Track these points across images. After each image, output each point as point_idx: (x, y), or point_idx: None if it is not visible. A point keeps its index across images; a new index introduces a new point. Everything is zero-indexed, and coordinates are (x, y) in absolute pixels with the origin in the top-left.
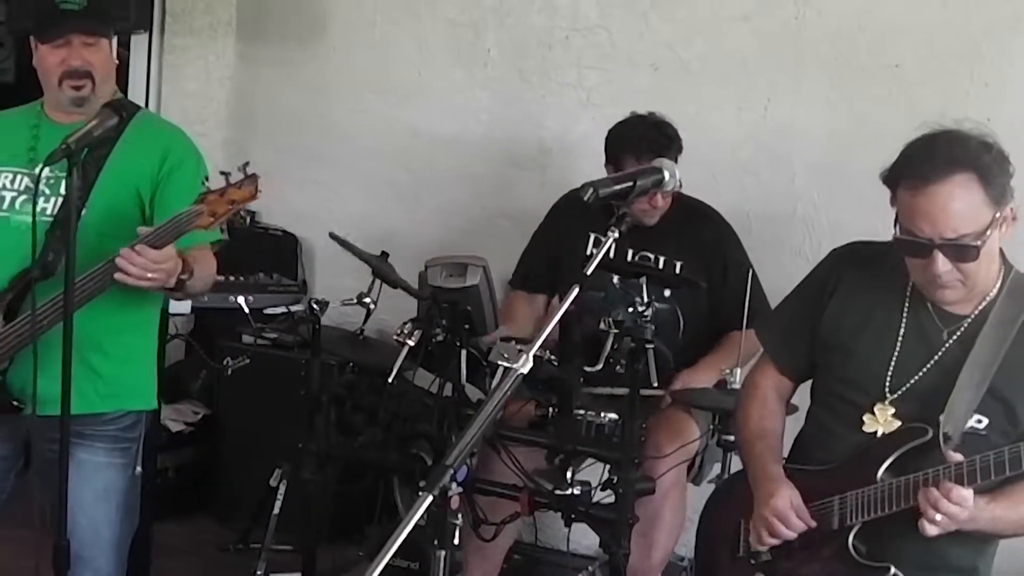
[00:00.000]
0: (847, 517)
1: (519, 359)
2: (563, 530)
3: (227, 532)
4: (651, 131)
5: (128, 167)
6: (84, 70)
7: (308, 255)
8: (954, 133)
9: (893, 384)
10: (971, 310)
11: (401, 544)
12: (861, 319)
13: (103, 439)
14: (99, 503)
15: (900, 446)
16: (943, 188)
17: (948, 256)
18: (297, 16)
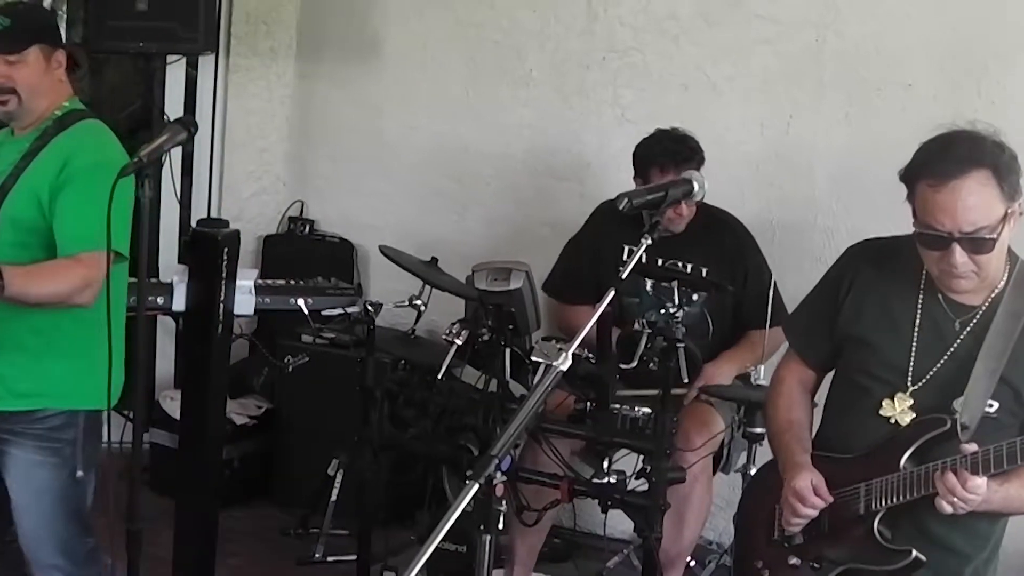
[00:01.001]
0: (872, 503)
1: (559, 357)
2: (600, 515)
3: (288, 517)
4: (673, 144)
5: (35, 178)
6: (7, 86)
7: (363, 260)
8: (971, 133)
9: (915, 375)
10: (981, 301)
11: (450, 529)
12: (878, 311)
13: (30, 437)
14: (36, 503)
15: (921, 436)
16: (963, 184)
17: (965, 248)
18: (353, 38)
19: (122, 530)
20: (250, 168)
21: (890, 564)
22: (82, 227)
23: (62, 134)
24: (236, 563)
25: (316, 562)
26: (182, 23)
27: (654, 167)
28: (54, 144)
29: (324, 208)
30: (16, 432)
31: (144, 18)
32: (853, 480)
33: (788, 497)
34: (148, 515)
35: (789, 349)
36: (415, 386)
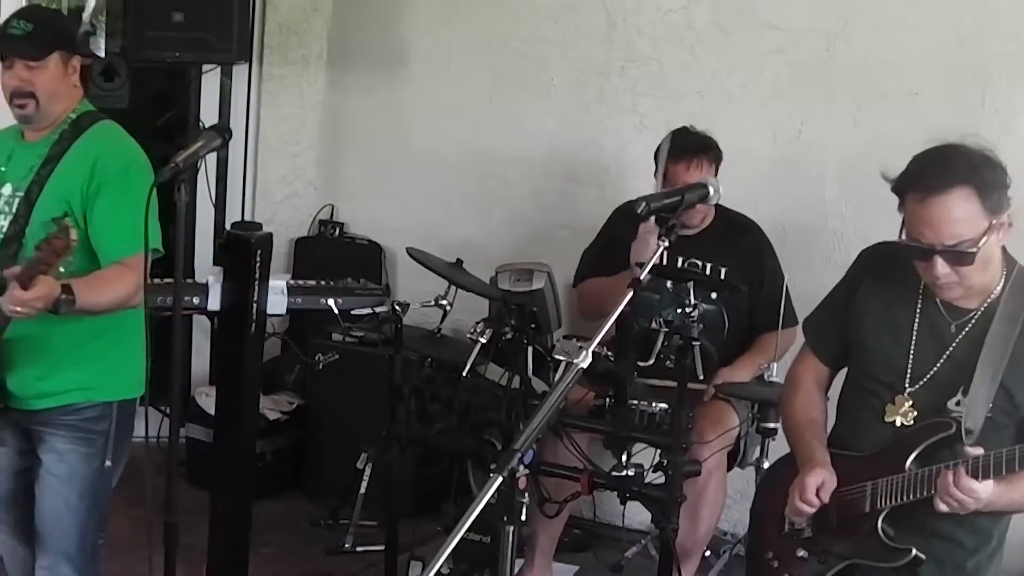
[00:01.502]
0: (877, 501)
1: (579, 355)
2: (619, 507)
3: (318, 509)
4: (686, 138)
5: (63, 184)
6: (26, 90)
7: (391, 262)
8: (956, 148)
9: (912, 377)
10: (977, 304)
11: (474, 520)
12: (880, 314)
13: (67, 428)
14: (62, 487)
15: (927, 439)
16: (944, 200)
17: (947, 260)
18: (381, 48)
19: (159, 521)
20: (282, 173)
21: (891, 561)
22: (124, 233)
23: (81, 137)
24: (269, 552)
25: (345, 552)
26: (217, 34)
27: (669, 159)
28: (76, 148)
29: (353, 211)
30: (53, 424)
31: (180, 29)
32: (860, 478)
33: (793, 487)
34: (184, 507)
35: (804, 346)
36: (441, 383)
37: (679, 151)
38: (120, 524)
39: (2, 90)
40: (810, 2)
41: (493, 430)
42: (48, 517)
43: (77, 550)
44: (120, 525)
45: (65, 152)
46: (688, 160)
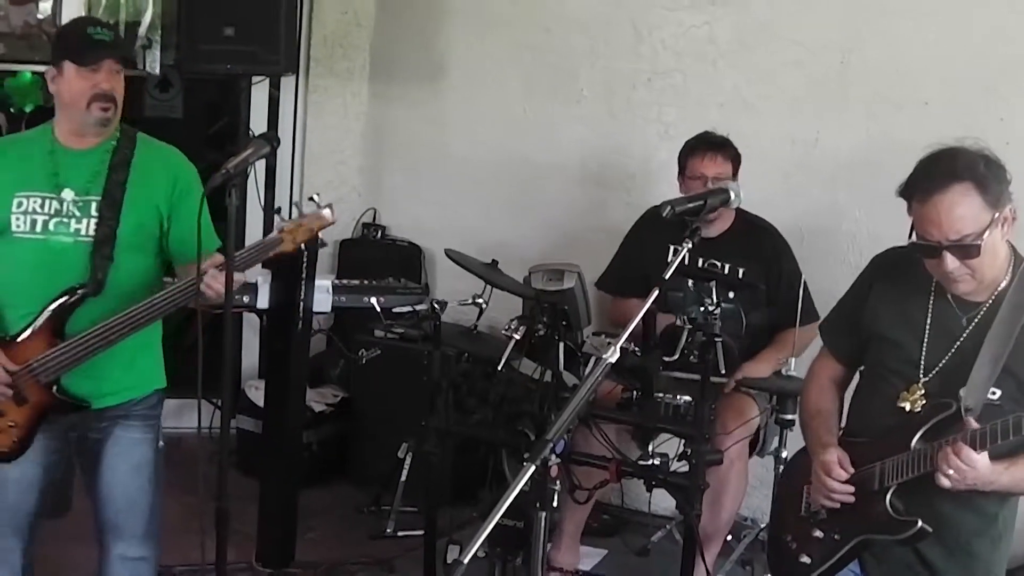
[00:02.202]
0: (886, 479)
1: (608, 350)
2: (645, 494)
3: (362, 496)
4: (706, 136)
5: (148, 188)
6: (112, 94)
7: (430, 262)
8: (954, 150)
9: (926, 367)
10: (986, 298)
11: (509, 506)
12: (895, 311)
13: (136, 418)
14: (134, 475)
15: (930, 419)
16: (945, 197)
17: (955, 255)
18: (421, 60)
19: (211, 508)
20: (327, 179)
21: (900, 533)
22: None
23: (139, 145)
24: (314, 537)
25: (387, 537)
26: (265, 47)
27: (689, 157)
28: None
29: (395, 215)
30: (122, 416)
31: (231, 43)
32: (870, 460)
33: (817, 470)
34: (235, 494)
35: (823, 347)
36: (477, 377)
37: (696, 145)
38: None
39: (78, 94)
40: (825, 18)
41: (526, 421)
42: (124, 506)
43: (148, 530)
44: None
45: (131, 159)
46: (703, 153)
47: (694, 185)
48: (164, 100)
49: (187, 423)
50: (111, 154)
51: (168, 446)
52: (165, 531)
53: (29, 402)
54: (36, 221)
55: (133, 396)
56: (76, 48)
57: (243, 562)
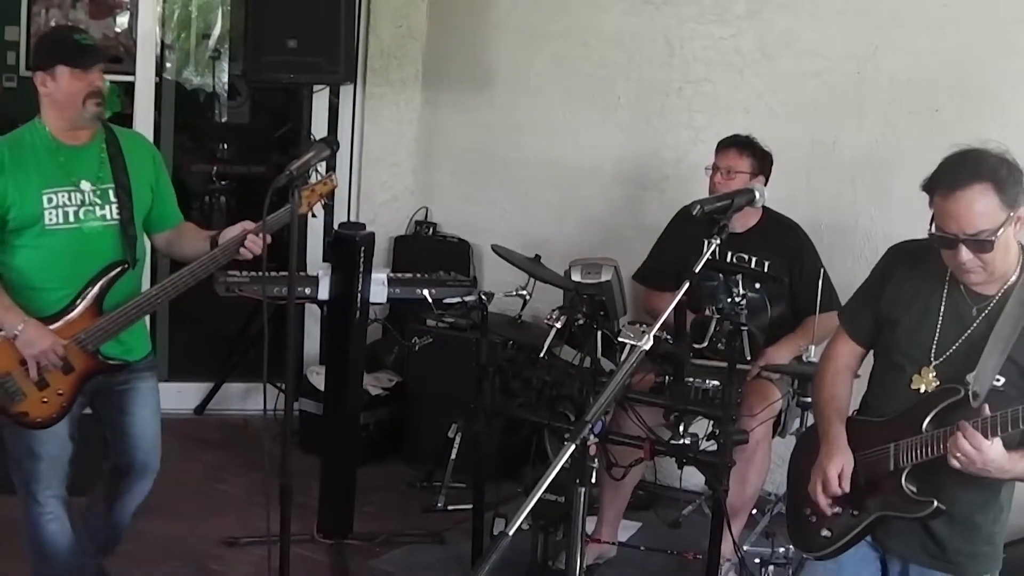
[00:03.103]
0: (900, 460)
1: (642, 338)
2: (676, 471)
3: (415, 473)
4: (733, 136)
5: (143, 172)
6: (102, 91)
7: (478, 257)
8: (977, 151)
9: (937, 352)
10: (996, 291)
11: (551, 482)
12: (911, 299)
13: (149, 370)
14: (154, 419)
15: (940, 403)
16: (965, 195)
17: (970, 248)
18: (470, 71)
19: (276, 484)
20: (383, 179)
21: (916, 512)
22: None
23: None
24: (371, 511)
25: (438, 510)
26: (326, 58)
27: (718, 151)
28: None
29: (445, 213)
30: (142, 370)
31: (294, 54)
32: (884, 440)
33: (818, 477)
34: (297, 471)
35: (839, 329)
36: (521, 363)
37: (722, 141)
38: (241, 486)
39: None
40: (843, 31)
41: (567, 404)
42: (150, 443)
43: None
44: (241, 487)
45: (120, 149)
46: (722, 148)
47: (713, 176)
48: (232, 107)
49: (253, 406)
50: (105, 146)
51: (235, 427)
52: (232, 505)
53: (75, 370)
54: (68, 213)
55: (146, 352)
56: (70, 53)
57: (305, 534)
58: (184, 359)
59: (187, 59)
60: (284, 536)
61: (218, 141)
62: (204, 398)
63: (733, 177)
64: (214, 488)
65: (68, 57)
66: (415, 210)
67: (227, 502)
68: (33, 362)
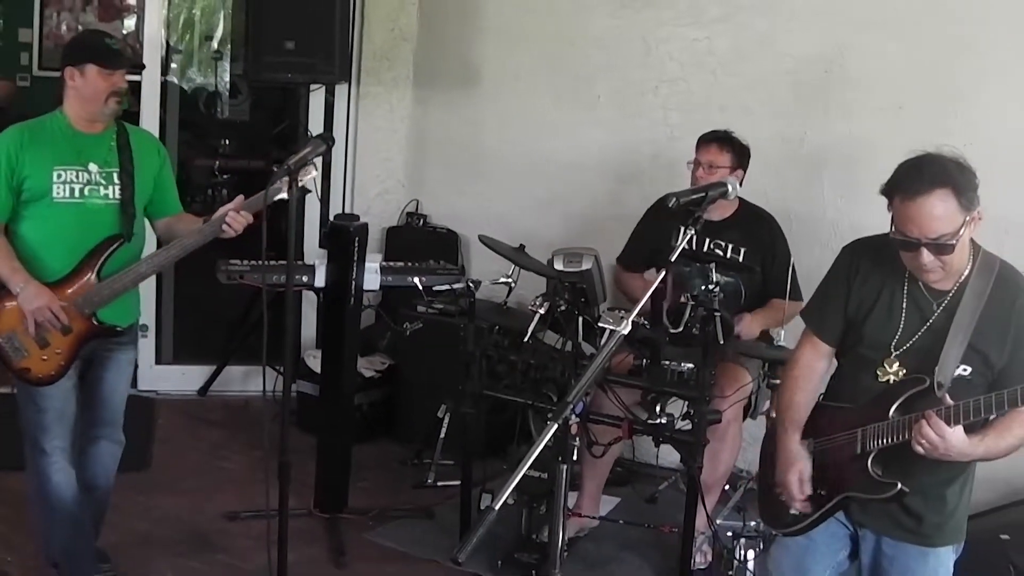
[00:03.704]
0: (867, 444)
1: (621, 324)
2: (653, 449)
3: (406, 451)
4: (713, 131)
5: (148, 162)
6: (124, 91)
7: (466, 247)
8: (933, 156)
9: (897, 344)
10: (951, 286)
11: (534, 460)
12: (874, 295)
13: (129, 340)
14: (126, 386)
15: (906, 391)
16: (927, 200)
17: (931, 251)
18: (459, 70)
19: (275, 461)
20: (376, 173)
21: (881, 493)
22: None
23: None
24: (365, 487)
25: (428, 486)
26: (322, 59)
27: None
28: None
29: (435, 205)
30: (127, 336)
31: (292, 55)
32: (852, 425)
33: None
34: (295, 449)
35: (805, 331)
36: (506, 347)
37: (702, 136)
38: (241, 462)
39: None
40: (812, 33)
41: (550, 385)
42: (118, 404)
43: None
44: (242, 464)
45: (129, 140)
46: (704, 144)
47: (696, 171)
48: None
49: (253, 387)
50: (116, 137)
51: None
52: (233, 481)
53: (73, 332)
54: (74, 189)
55: (132, 321)
56: (101, 54)
57: (302, 508)
58: (188, 343)
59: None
60: (283, 511)
61: (220, 137)
62: (207, 380)
63: (715, 172)
64: (216, 465)
65: (99, 57)
66: (406, 202)
67: (228, 479)
68: (31, 318)
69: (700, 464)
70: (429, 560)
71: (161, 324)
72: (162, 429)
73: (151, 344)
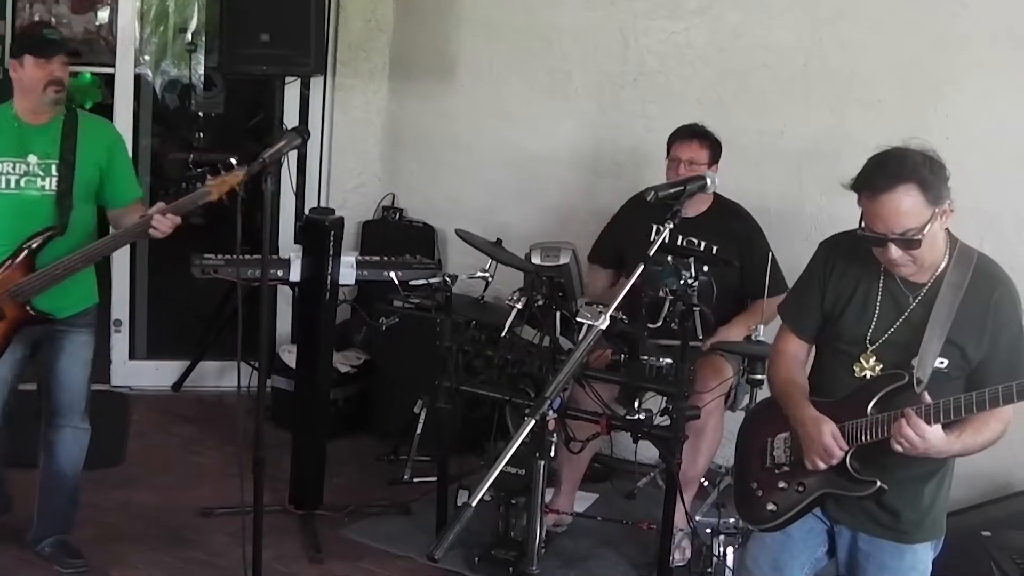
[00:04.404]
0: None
1: (599, 318)
2: (631, 445)
3: (382, 446)
4: (688, 125)
5: (92, 152)
6: (62, 80)
7: (442, 240)
8: (901, 151)
9: (872, 338)
10: (928, 278)
11: (512, 456)
12: (851, 290)
13: (83, 325)
14: (82, 370)
15: (884, 387)
16: (891, 197)
17: (898, 246)
18: (435, 62)
19: (249, 456)
20: (351, 166)
21: (859, 491)
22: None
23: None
24: (340, 483)
25: (404, 482)
26: (297, 51)
27: (672, 142)
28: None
29: (411, 199)
30: (76, 325)
31: (267, 47)
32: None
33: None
34: (270, 444)
35: (783, 327)
36: (483, 342)
37: (678, 132)
38: (215, 458)
39: (37, 80)
40: (790, 26)
41: (527, 381)
42: (76, 389)
43: (87, 409)
44: (216, 459)
45: (77, 130)
46: (680, 139)
47: (672, 166)
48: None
49: (228, 382)
50: (61, 127)
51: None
52: (207, 476)
53: (6, 318)
54: (10, 180)
55: (82, 308)
56: (35, 45)
57: (277, 504)
58: (162, 338)
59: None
60: (257, 507)
61: (194, 130)
62: (181, 375)
63: (695, 168)
64: (190, 461)
65: (33, 48)
66: (382, 196)
67: (203, 474)
68: None
69: (679, 460)
70: (405, 557)
71: (135, 319)
72: (136, 425)
73: (125, 339)
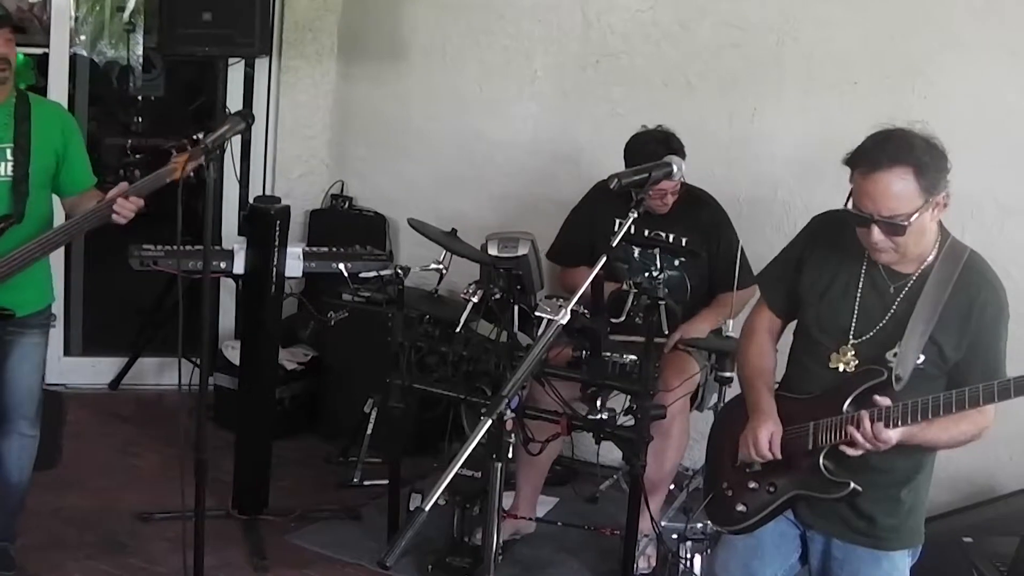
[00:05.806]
0: (819, 439)
1: (559, 313)
2: (594, 446)
3: (330, 448)
4: (658, 144)
5: (48, 137)
6: (7, 57)
7: (394, 231)
8: (903, 132)
9: (856, 332)
10: (914, 270)
11: (467, 458)
12: (830, 276)
13: (37, 326)
14: (33, 373)
15: (861, 384)
16: (885, 176)
17: (883, 229)
18: (385, 43)
19: (191, 458)
20: (298, 153)
21: (832, 493)
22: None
23: (34, 103)
24: (286, 486)
25: (354, 486)
26: (241, 31)
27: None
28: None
29: (361, 187)
30: (30, 325)
31: (209, 27)
32: (803, 419)
33: (748, 439)
34: (213, 446)
35: (760, 299)
36: (437, 337)
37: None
38: (155, 460)
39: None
40: (762, 2)
41: (484, 379)
42: (26, 393)
43: (38, 414)
44: (155, 461)
45: (30, 113)
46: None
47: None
48: (147, 80)
49: (168, 380)
50: (13, 110)
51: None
52: (146, 479)
53: None
54: None
55: (38, 308)
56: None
57: (220, 508)
58: (98, 334)
59: (101, 32)
60: (199, 511)
61: (132, 114)
62: (119, 373)
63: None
64: (128, 463)
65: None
66: (331, 184)
67: (141, 477)
68: None
69: (644, 462)
70: (355, 564)
71: (70, 314)
72: (71, 425)
73: (59, 335)
